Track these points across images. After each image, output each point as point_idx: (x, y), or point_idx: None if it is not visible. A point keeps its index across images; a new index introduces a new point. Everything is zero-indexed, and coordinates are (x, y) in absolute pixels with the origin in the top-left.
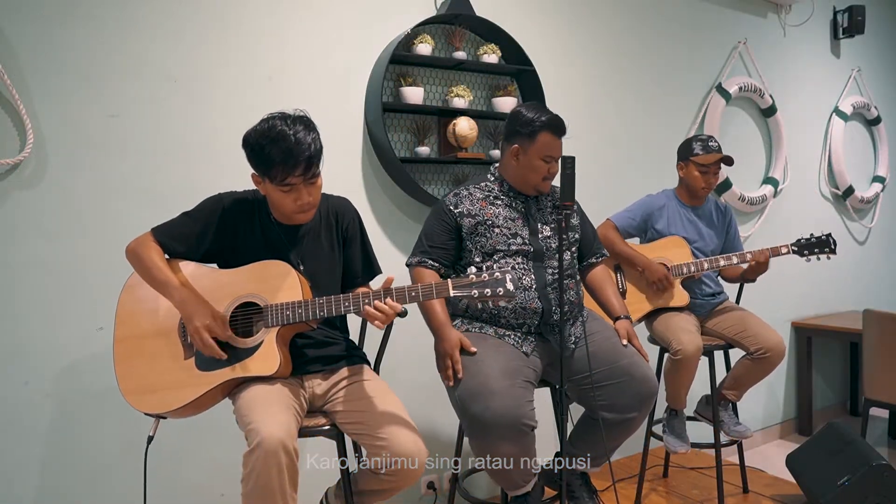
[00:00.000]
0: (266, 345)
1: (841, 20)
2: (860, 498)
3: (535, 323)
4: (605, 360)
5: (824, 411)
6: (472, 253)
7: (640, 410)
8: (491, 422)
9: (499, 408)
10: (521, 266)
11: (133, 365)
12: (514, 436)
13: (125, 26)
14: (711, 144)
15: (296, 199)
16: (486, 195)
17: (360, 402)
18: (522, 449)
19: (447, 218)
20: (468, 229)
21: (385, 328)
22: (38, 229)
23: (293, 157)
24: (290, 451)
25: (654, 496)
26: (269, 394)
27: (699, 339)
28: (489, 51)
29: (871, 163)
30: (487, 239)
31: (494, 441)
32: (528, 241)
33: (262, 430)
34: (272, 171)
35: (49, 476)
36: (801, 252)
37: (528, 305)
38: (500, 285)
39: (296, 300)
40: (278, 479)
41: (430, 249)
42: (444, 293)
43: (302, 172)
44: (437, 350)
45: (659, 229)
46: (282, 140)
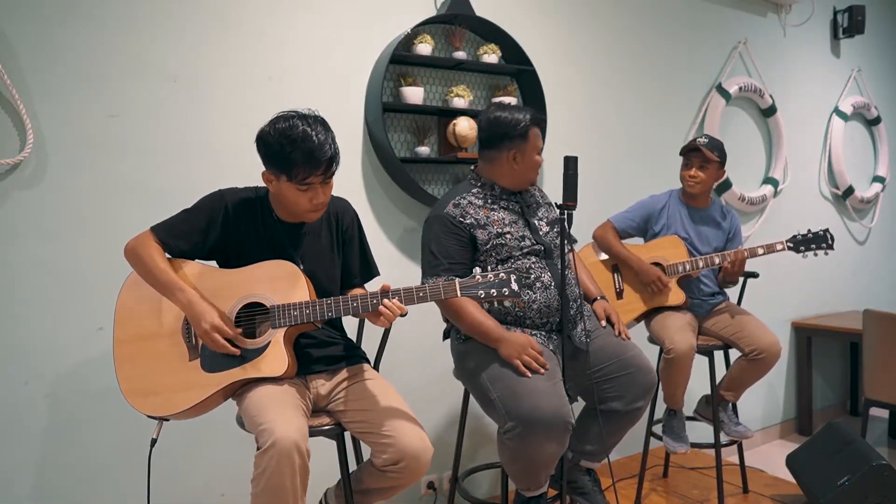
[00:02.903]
0: (274, 345)
1: (841, 20)
2: (860, 498)
3: (556, 320)
4: (613, 353)
5: (824, 411)
6: (487, 261)
7: (646, 399)
8: (541, 421)
9: (548, 407)
10: (537, 265)
11: (136, 367)
12: (559, 435)
13: (125, 26)
14: (699, 140)
15: (311, 199)
16: (483, 202)
17: (364, 400)
18: (562, 448)
19: (460, 231)
20: (483, 241)
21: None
22: (38, 229)
23: (316, 159)
24: (304, 452)
25: (654, 496)
26: (279, 394)
27: (692, 338)
28: (489, 51)
29: (871, 163)
30: (503, 246)
31: (541, 441)
32: (534, 239)
33: (277, 431)
34: (293, 171)
35: (49, 476)
36: (796, 248)
37: (551, 303)
38: (506, 286)
39: (303, 300)
40: (291, 480)
41: (451, 266)
42: (452, 294)
43: (323, 172)
44: (506, 353)
45: (658, 230)
46: (306, 141)
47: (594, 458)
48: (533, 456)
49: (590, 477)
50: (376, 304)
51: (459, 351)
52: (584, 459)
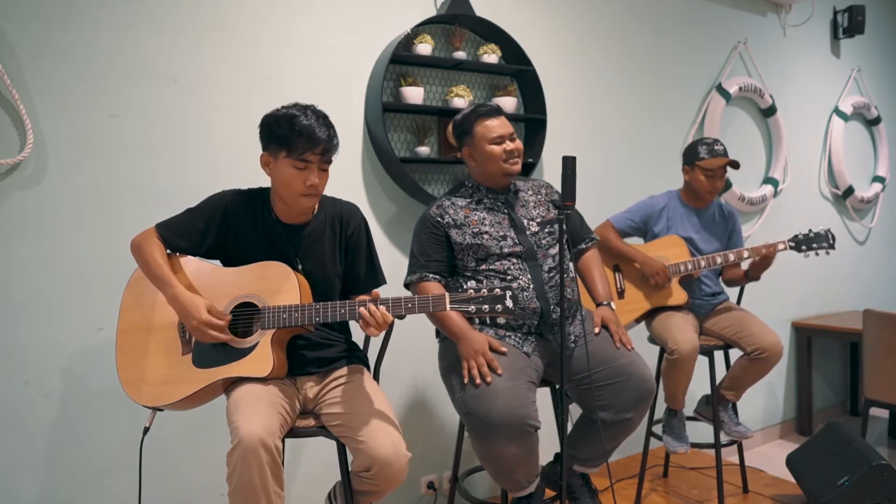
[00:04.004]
0: (261, 346)
1: (841, 20)
2: (860, 498)
3: (534, 323)
4: (604, 359)
5: (824, 411)
6: (465, 260)
7: (638, 410)
8: (496, 423)
9: (503, 409)
10: (515, 267)
11: (133, 357)
12: (518, 437)
13: (125, 26)
14: (717, 148)
15: (306, 179)
16: (467, 202)
17: (346, 403)
18: (526, 450)
19: (437, 230)
20: (458, 241)
21: (385, 333)
22: (37, 229)
23: (317, 135)
24: (271, 448)
25: (654, 496)
26: (256, 393)
27: (696, 338)
28: (489, 51)
29: (871, 163)
30: (479, 246)
31: (499, 443)
32: (518, 240)
33: (242, 429)
34: (294, 143)
35: (49, 476)
36: (797, 248)
37: (527, 306)
38: (500, 302)
39: (293, 304)
40: (259, 476)
41: (427, 264)
42: (441, 307)
43: (322, 152)
44: (462, 352)
45: (659, 232)
46: (309, 118)
47: (588, 464)
48: (496, 457)
49: (583, 481)
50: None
51: (439, 350)
52: (577, 465)
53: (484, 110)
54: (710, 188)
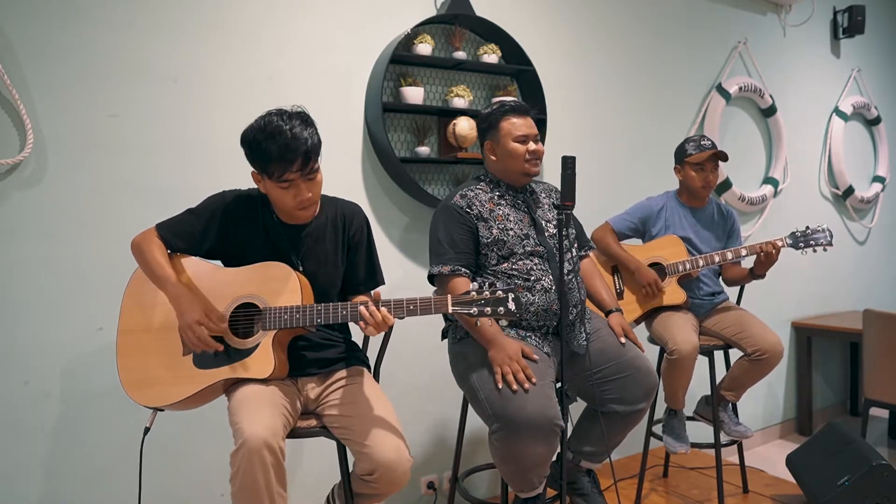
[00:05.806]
0: (262, 347)
1: (841, 20)
2: (860, 498)
3: (553, 324)
4: (613, 355)
5: (824, 411)
6: (489, 256)
7: (647, 401)
8: (526, 423)
9: (534, 409)
10: (538, 268)
11: (133, 357)
12: (545, 437)
13: (125, 26)
14: (704, 143)
15: (295, 196)
16: (489, 196)
17: (349, 406)
18: (550, 450)
19: (466, 220)
20: (484, 235)
21: (385, 333)
22: (37, 229)
23: (290, 152)
24: (275, 449)
25: (654, 496)
26: (259, 394)
27: (695, 338)
28: (489, 51)
29: (871, 163)
30: (504, 243)
31: (527, 443)
32: (538, 240)
33: (246, 430)
34: (270, 168)
35: (49, 476)
36: (795, 245)
37: (549, 307)
38: (502, 304)
39: (294, 304)
40: (263, 477)
41: (458, 256)
42: (443, 309)
43: (300, 168)
44: (495, 358)
45: (657, 233)
46: (278, 135)
47: (594, 458)
48: (520, 457)
49: (589, 478)
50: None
51: (454, 351)
52: (585, 460)
53: (513, 107)
54: (702, 183)
